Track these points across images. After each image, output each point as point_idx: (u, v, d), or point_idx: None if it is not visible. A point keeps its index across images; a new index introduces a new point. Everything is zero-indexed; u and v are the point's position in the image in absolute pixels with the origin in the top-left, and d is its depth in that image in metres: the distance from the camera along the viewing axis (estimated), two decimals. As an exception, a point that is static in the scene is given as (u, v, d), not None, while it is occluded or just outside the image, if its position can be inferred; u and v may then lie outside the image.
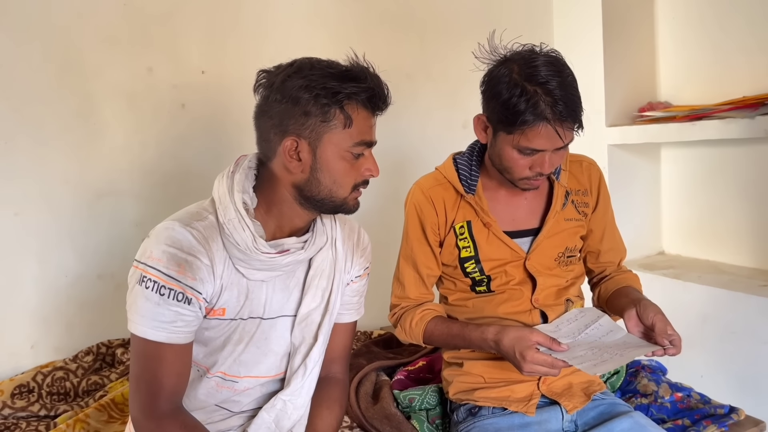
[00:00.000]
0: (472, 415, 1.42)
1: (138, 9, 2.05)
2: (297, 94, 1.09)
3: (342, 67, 1.13)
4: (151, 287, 1.08)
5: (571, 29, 2.60)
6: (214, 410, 1.24)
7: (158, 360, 1.11)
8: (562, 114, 1.22)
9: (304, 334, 1.24)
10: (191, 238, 1.10)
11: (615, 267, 1.54)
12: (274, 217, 1.19)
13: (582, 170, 1.49)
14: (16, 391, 1.82)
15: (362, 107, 1.13)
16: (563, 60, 1.29)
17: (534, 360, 1.21)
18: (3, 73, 1.89)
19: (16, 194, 1.93)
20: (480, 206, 1.41)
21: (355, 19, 2.36)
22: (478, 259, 1.42)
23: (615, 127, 2.46)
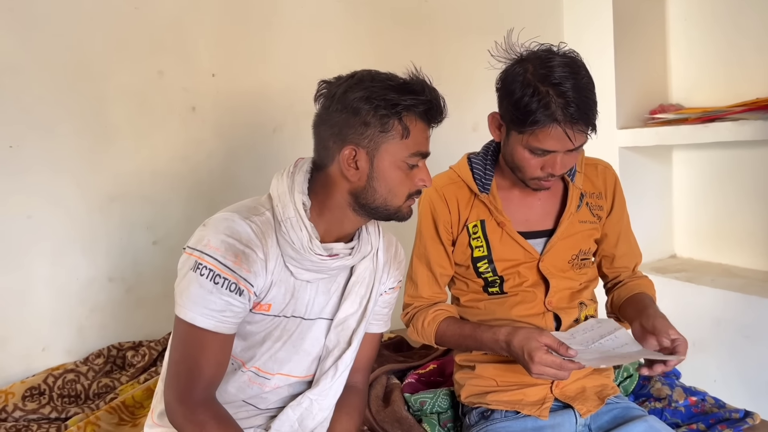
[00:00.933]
0: (484, 418, 1.41)
1: (149, 13, 2.06)
2: (357, 105, 1.12)
3: (401, 80, 1.16)
4: (206, 275, 1.10)
5: (581, 30, 2.59)
6: (241, 406, 1.25)
7: (201, 347, 1.12)
8: (574, 116, 1.20)
9: (339, 338, 1.27)
10: (250, 231, 1.13)
11: (630, 272, 1.53)
12: (325, 221, 1.21)
13: (597, 173, 1.48)
14: (27, 394, 1.83)
15: (419, 119, 1.16)
16: (581, 61, 1.27)
17: (542, 361, 1.20)
18: (15, 76, 1.90)
19: (28, 197, 1.94)
20: (494, 205, 1.40)
21: (364, 21, 2.36)
22: (491, 259, 1.41)
23: (626, 130, 2.44)
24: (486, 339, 1.34)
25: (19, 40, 1.90)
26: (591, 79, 1.26)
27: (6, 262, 1.93)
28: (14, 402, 1.79)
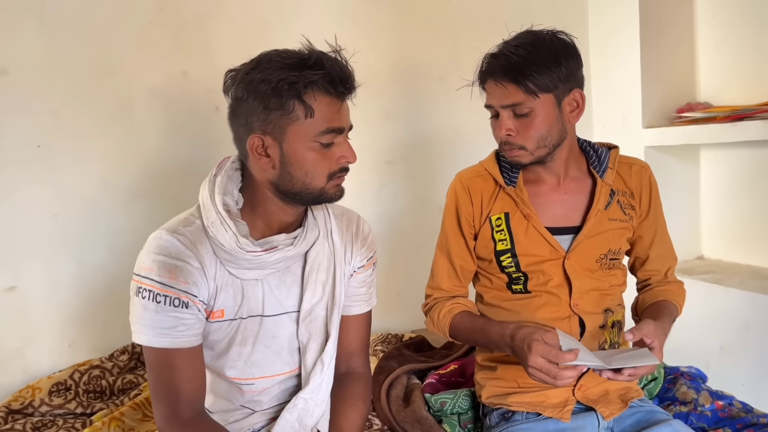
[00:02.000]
0: (505, 420, 1.39)
1: (173, 13, 2.08)
2: (256, 89, 1.08)
3: (299, 56, 1.10)
4: (147, 296, 1.09)
5: (606, 29, 2.56)
6: (238, 409, 1.25)
7: (169, 367, 1.12)
8: (501, 66, 1.29)
9: (310, 330, 1.23)
10: (178, 244, 1.11)
11: (662, 276, 1.50)
12: (261, 215, 1.18)
13: (631, 173, 1.46)
14: (53, 389, 1.86)
15: (323, 94, 1.10)
16: (546, 33, 1.33)
17: (539, 352, 1.18)
18: (43, 77, 1.93)
19: (55, 196, 1.97)
20: (520, 198, 1.39)
21: (387, 22, 2.36)
22: (515, 253, 1.39)
23: (652, 129, 2.40)
24: (493, 333, 1.33)
25: (47, 41, 1.93)
26: (543, 44, 1.30)
27: (33, 259, 1.96)
28: (41, 397, 1.82)
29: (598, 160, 1.43)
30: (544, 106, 1.29)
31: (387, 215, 2.41)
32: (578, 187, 1.42)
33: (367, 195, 2.37)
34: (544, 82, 1.27)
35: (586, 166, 1.44)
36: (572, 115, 1.35)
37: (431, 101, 2.42)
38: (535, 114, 1.30)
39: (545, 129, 1.31)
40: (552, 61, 1.28)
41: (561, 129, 1.34)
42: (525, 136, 1.31)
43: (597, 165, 1.42)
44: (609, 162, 1.42)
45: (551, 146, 1.34)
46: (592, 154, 1.44)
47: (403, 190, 2.41)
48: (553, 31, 1.33)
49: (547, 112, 1.30)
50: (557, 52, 1.29)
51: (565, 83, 1.31)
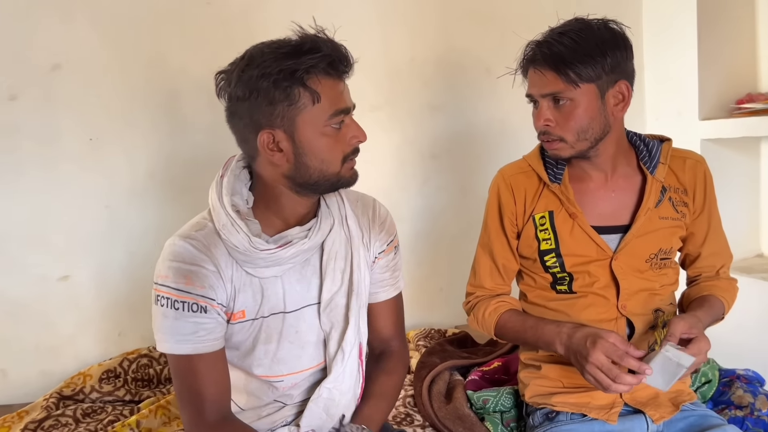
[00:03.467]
0: (549, 420, 1.36)
1: (220, 8, 2.10)
2: (256, 86, 1.05)
3: (292, 43, 1.07)
4: (166, 304, 1.09)
5: (662, 18, 2.46)
6: (270, 403, 1.25)
7: (193, 372, 1.12)
8: (543, 54, 1.25)
9: (331, 319, 1.21)
10: (191, 249, 1.10)
11: (713, 273, 1.43)
12: (275, 211, 1.16)
13: (685, 168, 1.39)
14: (104, 376, 1.91)
15: (325, 77, 1.08)
16: (592, 21, 1.27)
17: (604, 349, 1.15)
18: (96, 72, 1.98)
19: (106, 188, 2.03)
20: (565, 196, 1.34)
21: (434, 15, 2.32)
22: (559, 253, 1.35)
23: (709, 121, 2.30)
24: (548, 330, 1.29)
25: (99, 37, 1.98)
26: (589, 32, 1.24)
27: (85, 250, 2.02)
28: (91, 384, 1.88)
29: (649, 155, 1.36)
30: (586, 97, 1.24)
31: (431, 209, 2.38)
32: (627, 184, 1.37)
33: (411, 189, 2.35)
34: (585, 71, 1.22)
35: (636, 161, 1.38)
36: (617, 108, 1.29)
37: (477, 93, 2.37)
38: (575, 104, 1.25)
39: (586, 121, 1.26)
40: (596, 50, 1.22)
41: (604, 122, 1.28)
42: (564, 127, 1.26)
43: (647, 160, 1.36)
44: (660, 156, 1.36)
45: (593, 140, 1.28)
46: (642, 148, 1.38)
47: (448, 184, 2.38)
48: (604, 20, 1.27)
49: (588, 103, 1.25)
50: (604, 41, 1.24)
51: (609, 74, 1.25)
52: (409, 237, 2.36)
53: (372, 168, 2.26)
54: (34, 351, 2.00)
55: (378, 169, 2.29)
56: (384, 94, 2.28)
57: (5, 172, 1.93)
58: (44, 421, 1.69)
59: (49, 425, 1.69)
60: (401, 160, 2.34)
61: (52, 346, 2.02)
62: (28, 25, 1.91)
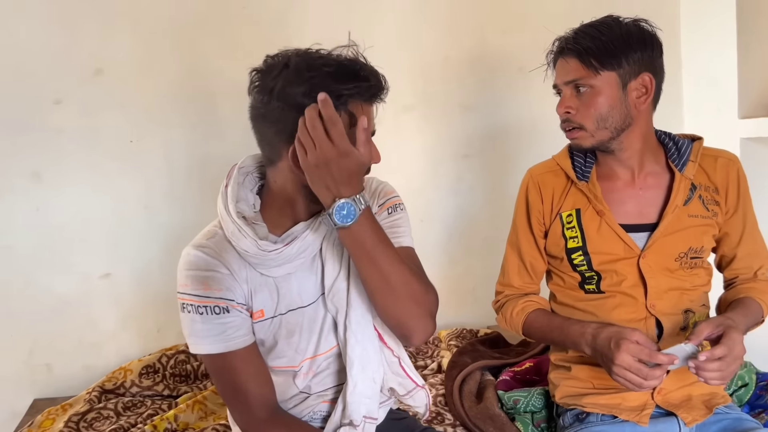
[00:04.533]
0: (579, 421, 1.36)
1: (256, 11, 2.14)
2: (300, 101, 1.06)
3: (338, 64, 1.09)
4: (191, 310, 1.14)
5: (700, 14, 2.41)
6: (295, 395, 1.27)
7: (231, 370, 1.16)
8: (568, 43, 1.31)
9: (336, 304, 1.23)
10: (204, 256, 1.14)
11: (751, 275, 1.42)
12: (287, 212, 1.19)
13: (716, 167, 1.38)
14: (143, 371, 1.97)
15: (365, 103, 1.12)
16: (627, 19, 1.32)
17: (629, 350, 1.16)
18: (134, 76, 2.05)
19: (145, 188, 2.10)
20: (593, 193, 1.35)
21: (467, 14, 2.32)
22: (586, 251, 1.36)
23: (749, 119, 2.25)
24: (573, 331, 1.31)
25: (140, 42, 2.04)
26: (617, 26, 1.30)
27: (126, 248, 2.09)
28: (132, 378, 1.94)
29: (678, 153, 1.36)
30: (607, 85, 1.28)
31: (463, 209, 2.39)
32: (655, 182, 1.37)
33: (443, 188, 2.36)
34: (606, 59, 1.26)
35: (665, 159, 1.38)
36: (639, 100, 1.31)
37: (510, 93, 2.37)
38: (595, 92, 1.29)
39: (606, 109, 1.29)
40: (621, 41, 1.27)
41: (624, 112, 1.30)
42: (584, 114, 1.30)
43: (676, 158, 1.36)
44: (691, 155, 1.36)
45: (613, 129, 1.31)
46: (671, 146, 1.38)
47: (481, 184, 2.39)
48: (636, 19, 1.30)
49: (609, 92, 1.28)
50: (630, 34, 1.28)
51: (632, 66, 1.28)
52: (442, 236, 2.37)
53: (405, 167, 2.30)
54: (77, 346, 2.08)
55: (411, 168, 2.31)
56: (418, 93, 2.29)
57: (51, 174, 2.01)
58: (87, 413, 1.76)
59: (92, 418, 1.75)
60: (434, 159, 2.35)
61: (95, 342, 2.10)
62: (73, 32, 1.99)
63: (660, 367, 1.15)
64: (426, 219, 2.33)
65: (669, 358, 1.15)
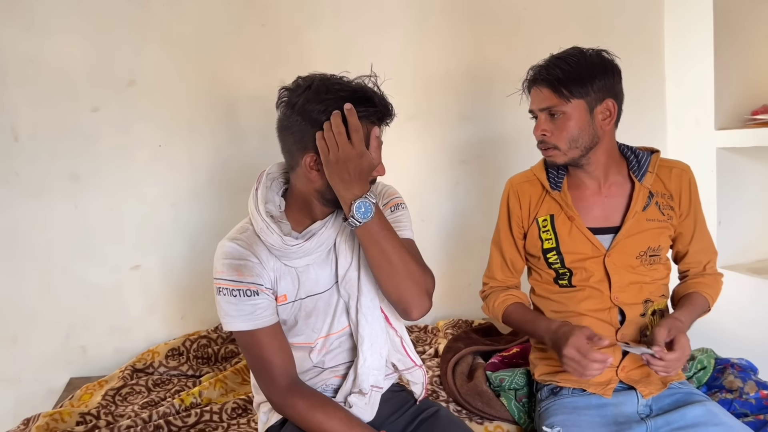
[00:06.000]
0: (554, 394, 1.56)
1: (273, 28, 2.35)
2: (317, 117, 1.27)
3: (352, 89, 1.29)
4: (225, 293, 1.34)
5: (682, 32, 2.59)
6: (310, 369, 1.47)
7: (258, 345, 1.36)
8: (540, 74, 1.49)
9: (348, 291, 1.43)
10: (238, 247, 1.35)
11: (701, 268, 1.61)
12: (306, 212, 1.40)
13: (671, 177, 1.57)
14: (169, 354, 2.18)
15: (372, 125, 1.31)
16: (586, 49, 1.50)
17: (574, 345, 1.37)
18: (163, 87, 2.26)
19: (172, 188, 2.31)
20: (565, 201, 1.55)
21: (465, 32, 2.52)
22: (560, 251, 1.55)
23: (724, 131, 2.44)
24: (540, 326, 1.52)
25: (168, 56, 2.26)
26: (582, 58, 1.47)
27: (154, 242, 2.31)
28: (159, 360, 2.15)
29: (638, 165, 1.56)
30: (576, 111, 1.46)
31: (461, 210, 2.58)
32: (618, 191, 1.56)
33: (442, 191, 2.56)
34: (576, 89, 1.44)
35: (627, 170, 1.58)
36: (604, 122, 1.49)
37: (504, 105, 2.55)
38: (567, 117, 1.47)
39: (576, 131, 1.47)
40: (586, 72, 1.45)
41: (592, 133, 1.49)
42: (558, 136, 1.48)
43: (636, 169, 1.55)
44: (649, 166, 1.55)
45: (583, 148, 1.49)
46: (632, 159, 1.57)
47: (476, 187, 2.58)
48: (597, 50, 1.50)
49: (579, 117, 1.47)
50: (594, 65, 1.46)
51: (598, 93, 1.46)
52: (440, 235, 2.57)
53: (408, 171, 2.49)
54: (109, 331, 2.30)
55: (413, 172, 2.51)
56: (420, 104, 2.49)
57: (88, 175, 2.23)
58: (122, 389, 1.97)
59: (126, 392, 1.96)
60: (434, 164, 2.55)
61: (125, 327, 2.31)
62: (109, 47, 2.20)
63: (599, 363, 1.35)
64: (426, 219, 2.53)
65: (603, 357, 1.35)
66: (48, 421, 1.72)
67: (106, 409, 1.84)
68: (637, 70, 2.67)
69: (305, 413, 1.36)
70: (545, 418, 1.49)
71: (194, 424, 1.76)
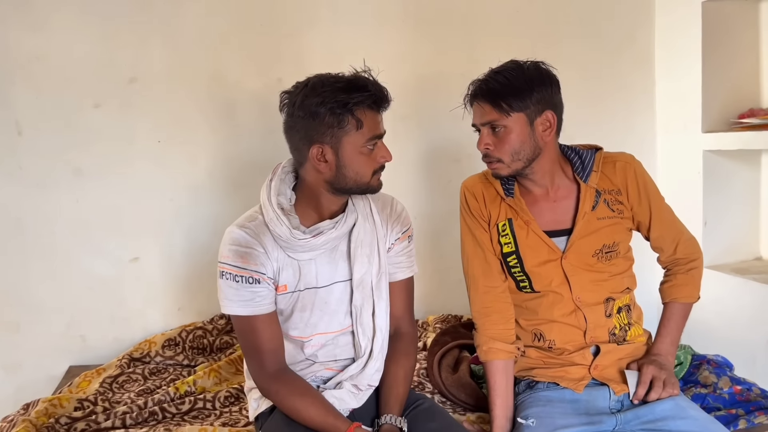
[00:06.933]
0: (529, 388, 1.62)
1: (272, 28, 2.40)
2: (316, 110, 1.35)
3: (347, 79, 1.38)
4: (228, 278, 1.41)
5: (671, 37, 2.63)
6: (302, 361, 1.54)
7: (252, 330, 1.44)
8: (481, 90, 1.50)
9: (363, 296, 1.50)
10: (245, 235, 1.42)
11: (672, 251, 1.62)
12: (314, 207, 1.47)
13: (615, 171, 1.59)
14: (166, 344, 2.25)
15: (369, 110, 1.39)
16: (525, 62, 1.51)
17: None
18: (164, 83, 2.32)
19: (171, 183, 2.37)
20: (519, 207, 1.57)
21: (458, 34, 2.57)
22: (519, 255, 1.58)
23: (711, 134, 2.49)
24: (495, 414, 1.58)
25: (169, 54, 2.32)
26: (520, 71, 1.48)
27: (152, 236, 2.37)
28: (156, 349, 2.22)
29: (582, 165, 1.57)
30: (517, 124, 1.47)
31: (453, 209, 2.60)
32: (566, 193, 1.59)
33: (435, 189, 2.62)
34: (515, 103, 1.46)
35: (572, 172, 1.59)
36: (545, 133, 1.51)
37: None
38: (508, 131, 1.48)
39: (518, 144, 1.49)
40: (525, 85, 1.46)
41: (534, 145, 1.50)
42: (500, 150, 1.50)
43: (581, 171, 1.57)
44: (593, 165, 1.57)
45: (525, 160, 1.51)
46: (576, 160, 1.59)
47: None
48: (534, 62, 1.52)
49: (519, 129, 1.48)
50: (531, 78, 1.48)
51: (537, 105, 1.48)
52: (433, 233, 2.63)
53: (401, 170, 2.54)
54: (109, 321, 2.36)
55: (406, 170, 2.57)
56: (414, 104, 2.54)
57: (91, 169, 2.29)
58: (119, 377, 2.04)
59: (123, 380, 2.04)
60: (427, 163, 2.60)
61: (124, 318, 2.38)
62: (112, 44, 2.26)
63: None
64: (419, 217, 2.58)
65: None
66: (47, 406, 1.79)
67: (103, 396, 1.90)
68: (627, 75, 2.73)
69: (285, 399, 1.43)
70: (521, 410, 1.54)
71: (188, 411, 1.83)
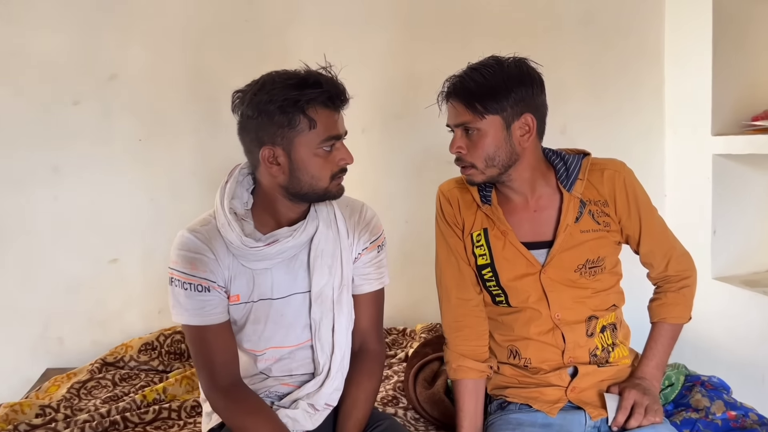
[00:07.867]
0: (501, 408, 1.50)
1: (257, 24, 2.33)
2: (264, 108, 1.25)
3: (298, 76, 1.28)
4: (177, 285, 1.33)
5: (682, 38, 2.50)
6: (256, 374, 1.44)
7: (203, 340, 1.34)
8: (455, 88, 1.37)
9: (322, 309, 1.39)
10: (195, 240, 1.33)
11: (663, 268, 1.49)
12: (270, 213, 1.37)
13: (603, 180, 1.44)
14: (142, 348, 2.19)
15: (322, 108, 1.27)
16: (504, 59, 1.37)
17: None
18: (145, 80, 2.27)
19: (151, 183, 2.32)
20: (496, 216, 1.44)
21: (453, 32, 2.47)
22: (494, 268, 1.45)
23: (721, 137, 2.35)
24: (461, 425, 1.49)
25: (151, 51, 2.26)
26: (498, 69, 1.34)
27: (132, 236, 2.32)
28: (131, 354, 2.16)
29: (567, 173, 1.44)
30: (492, 127, 1.34)
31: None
32: (548, 203, 1.45)
33: (427, 192, 2.46)
34: (490, 104, 1.33)
35: (555, 180, 1.45)
36: (523, 138, 1.37)
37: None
38: (482, 134, 1.35)
39: (492, 149, 1.35)
40: (502, 86, 1.33)
41: (510, 151, 1.37)
42: (473, 154, 1.37)
43: (564, 178, 1.43)
44: (579, 172, 1.43)
45: (501, 166, 1.38)
46: (561, 166, 1.45)
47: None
48: (516, 59, 1.37)
49: (495, 133, 1.35)
50: (510, 78, 1.34)
51: (514, 107, 1.34)
52: (424, 237, 2.50)
53: (393, 171, 2.46)
54: (87, 323, 2.32)
55: (398, 171, 2.48)
56: (407, 103, 2.45)
57: (69, 168, 2.25)
58: (87, 382, 1.99)
59: (91, 386, 1.98)
60: (420, 164, 2.50)
61: (102, 320, 2.33)
62: (92, 40, 2.22)
63: None
64: (410, 220, 2.48)
65: None
66: (8, 411, 1.74)
67: (68, 402, 1.85)
68: (636, 75, 2.61)
69: (234, 416, 1.35)
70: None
71: (151, 420, 1.77)
